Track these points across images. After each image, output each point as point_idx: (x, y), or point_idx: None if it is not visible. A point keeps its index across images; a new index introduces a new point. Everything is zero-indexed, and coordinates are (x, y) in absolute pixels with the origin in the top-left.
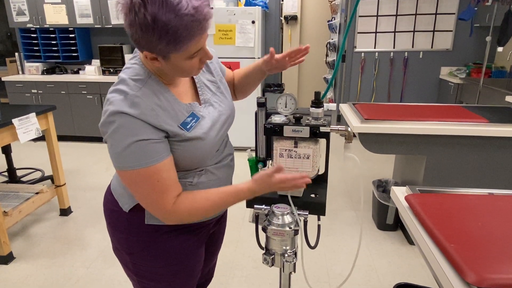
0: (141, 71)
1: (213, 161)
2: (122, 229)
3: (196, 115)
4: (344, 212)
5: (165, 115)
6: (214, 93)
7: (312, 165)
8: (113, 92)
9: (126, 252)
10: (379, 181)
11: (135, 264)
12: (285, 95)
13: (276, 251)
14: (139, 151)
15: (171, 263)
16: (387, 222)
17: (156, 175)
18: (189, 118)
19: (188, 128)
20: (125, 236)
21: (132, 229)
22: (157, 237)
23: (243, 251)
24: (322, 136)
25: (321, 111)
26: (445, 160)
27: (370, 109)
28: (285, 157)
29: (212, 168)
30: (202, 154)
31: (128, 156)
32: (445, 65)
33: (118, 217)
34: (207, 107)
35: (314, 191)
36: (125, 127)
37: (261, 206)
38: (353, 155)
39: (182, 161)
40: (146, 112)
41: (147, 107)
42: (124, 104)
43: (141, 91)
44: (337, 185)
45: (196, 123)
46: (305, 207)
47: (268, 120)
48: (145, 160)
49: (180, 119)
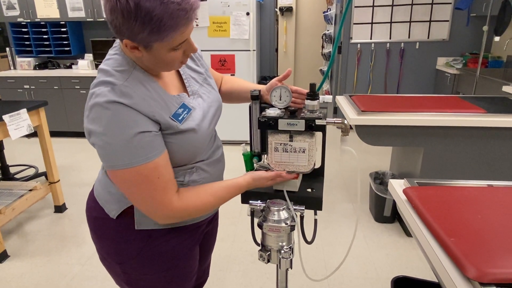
0: (124, 62)
1: (204, 156)
2: (109, 237)
3: (187, 106)
4: (341, 205)
5: (156, 106)
6: (201, 84)
7: (308, 159)
8: (97, 85)
9: (115, 261)
10: (376, 173)
11: (126, 273)
12: (279, 87)
13: (272, 248)
14: (140, 145)
15: (166, 269)
16: (384, 215)
17: (156, 171)
18: (181, 110)
19: (180, 119)
20: (113, 244)
21: (121, 236)
22: (149, 243)
23: (240, 245)
24: (318, 129)
25: (317, 104)
26: (442, 152)
27: (367, 101)
28: (281, 151)
29: (203, 164)
30: (195, 148)
31: (128, 151)
32: (441, 55)
33: (103, 225)
34: (196, 98)
35: (311, 185)
36: (121, 118)
37: (257, 202)
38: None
39: (174, 157)
40: (139, 102)
41: (139, 96)
42: (113, 94)
43: (128, 81)
44: (334, 178)
45: (188, 115)
46: (302, 202)
47: (263, 114)
48: (146, 154)
49: (171, 110)
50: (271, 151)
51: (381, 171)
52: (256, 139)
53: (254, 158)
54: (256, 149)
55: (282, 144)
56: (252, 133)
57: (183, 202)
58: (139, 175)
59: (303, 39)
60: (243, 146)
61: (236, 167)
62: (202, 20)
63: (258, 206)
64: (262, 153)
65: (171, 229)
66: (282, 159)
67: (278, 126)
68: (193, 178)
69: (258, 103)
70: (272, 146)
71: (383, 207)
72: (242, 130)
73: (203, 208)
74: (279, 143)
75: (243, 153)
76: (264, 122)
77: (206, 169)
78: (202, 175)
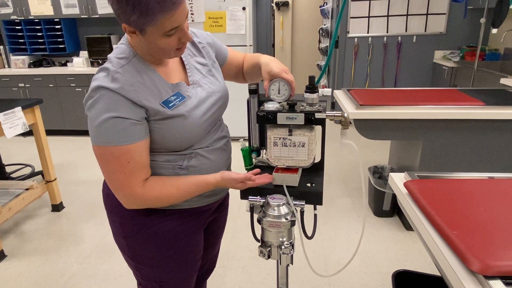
0: (127, 50)
1: (203, 143)
2: (117, 212)
3: (181, 95)
4: (340, 200)
5: (146, 92)
6: (205, 75)
7: (308, 153)
8: (99, 71)
9: (122, 236)
10: (375, 167)
11: (130, 248)
12: (277, 80)
13: (272, 243)
14: (113, 128)
15: (166, 248)
16: (383, 209)
17: (127, 155)
18: (173, 97)
19: (171, 106)
20: (120, 219)
21: (126, 212)
22: (150, 220)
23: (240, 241)
24: (317, 122)
25: (316, 97)
26: (441, 145)
27: (365, 95)
28: (280, 145)
29: (203, 151)
30: (186, 134)
31: (102, 131)
32: (438, 48)
33: (113, 201)
34: (195, 88)
35: (311, 180)
36: (103, 101)
37: (256, 197)
38: (350, 142)
39: (165, 141)
40: (125, 87)
41: (127, 82)
42: (106, 79)
43: (123, 68)
44: (333, 173)
45: (181, 102)
46: (302, 197)
47: (261, 108)
48: (118, 138)
49: (163, 97)
50: (270, 146)
51: (380, 165)
52: (255, 133)
53: (253, 153)
54: (254, 144)
55: (281, 139)
56: (250, 128)
57: (145, 191)
58: (110, 154)
59: (300, 34)
60: (241, 142)
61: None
62: (197, 16)
63: (257, 202)
64: (261, 148)
65: (172, 211)
66: (281, 154)
67: (277, 120)
68: (192, 164)
69: (256, 97)
70: (271, 140)
71: (382, 201)
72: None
73: (166, 199)
74: (278, 137)
75: (241, 148)
76: (262, 116)
77: (207, 155)
78: (201, 161)
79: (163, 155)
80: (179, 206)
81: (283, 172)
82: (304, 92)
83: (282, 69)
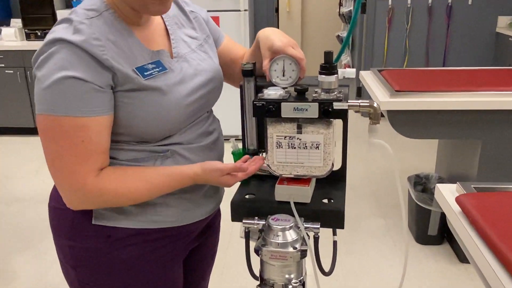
0: (98, 2)
1: (184, 138)
2: (65, 232)
3: (162, 65)
4: (369, 221)
5: (116, 52)
6: (194, 50)
7: (324, 157)
8: (58, 23)
9: (70, 265)
10: (417, 176)
11: (81, 281)
12: (281, 58)
13: (275, 282)
14: (68, 92)
15: (125, 282)
16: (429, 233)
17: (83, 132)
18: (151, 65)
19: (146, 75)
20: (69, 242)
21: (76, 232)
22: (109, 243)
23: (231, 278)
24: (336, 115)
25: (335, 80)
26: (507, 146)
27: (403, 77)
28: (285, 147)
29: (183, 149)
30: (163, 117)
31: (52, 95)
32: (503, 13)
33: (61, 217)
34: (180, 62)
35: (328, 194)
36: (58, 57)
37: (253, 219)
38: (382, 142)
39: (133, 124)
40: (90, 41)
41: (93, 35)
42: (67, 31)
43: (90, 20)
44: (359, 184)
45: (160, 74)
46: (316, 218)
47: (259, 95)
48: (73, 106)
49: (137, 63)
50: (272, 148)
51: (423, 173)
52: (251, 131)
53: None
54: (250, 145)
55: (287, 138)
56: (245, 124)
57: (100, 183)
58: (59, 127)
59: None
60: (232, 142)
61: None
62: None
63: (255, 225)
64: (260, 151)
65: (138, 231)
66: (287, 159)
67: (282, 112)
68: (167, 165)
69: (252, 81)
70: (273, 140)
71: (427, 223)
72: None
73: (128, 195)
74: (282, 136)
75: (232, 152)
76: (261, 106)
77: (188, 155)
78: (180, 162)
79: (127, 151)
80: (148, 224)
81: (290, 184)
82: (319, 74)
83: (287, 43)
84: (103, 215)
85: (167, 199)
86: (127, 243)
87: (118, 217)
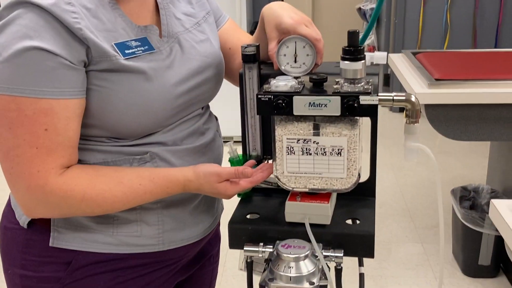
0: None
1: (169, 137)
2: (17, 258)
3: (149, 43)
4: (404, 247)
5: (92, 23)
6: (188, 30)
7: (348, 166)
8: None
9: None
10: (464, 189)
11: None
12: (292, 39)
13: None
14: (31, 66)
15: None
16: (479, 263)
17: (47, 118)
18: (135, 43)
19: (127, 53)
20: (21, 270)
21: (30, 257)
22: (69, 273)
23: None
24: (364, 113)
25: (362, 67)
26: None
27: (444, 62)
28: (299, 153)
29: (166, 151)
30: (145, 107)
31: (12, 69)
32: None
33: (12, 238)
34: (171, 43)
35: (353, 213)
36: (22, 22)
37: (257, 246)
38: (421, 145)
39: (108, 114)
40: (62, 5)
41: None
42: None
43: None
44: (391, 200)
45: (144, 54)
46: (338, 244)
47: (265, 87)
48: (37, 85)
49: (118, 38)
50: (281, 154)
51: (471, 185)
52: (253, 132)
53: None
54: (253, 150)
55: (300, 141)
56: (246, 123)
57: (65, 182)
58: (17, 111)
59: None
60: (229, 146)
61: None
62: None
63: (259, 254)
64: (265, 157)
65: (109, 257)
66: (301, 168)
67: (294, 109)
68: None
69: (255, 68)
70: (283, 144)
71: (477, 250)
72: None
73: (98, 201)
74: (295, 139)
75: (230, 159)
76: (267, 101)
77: (172, 160)
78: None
79: (94, 152)
80: (120, 248)
81: (305, 201)
82: (341, 60)
83: (299, 20)
84: (63, 235)
85: (145, 215)
86: (93, 272)
87: (83, 238)
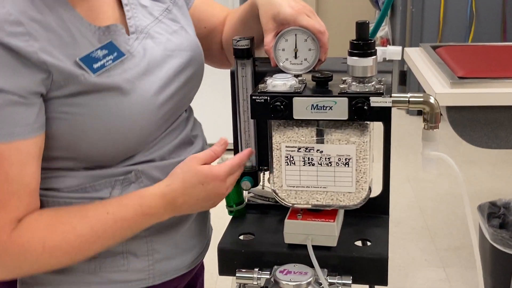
0: None
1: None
2: None
3: (117, 48)
4: (423, 272)
5: (47, 39)
6: (159, 19)
7: (357, 179)
8: None
9: None
10: (492, 205)
11: None
12: (292, 31)
13: None
14: None
15: None
16: None
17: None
18: (101, 52)
19: (96, 68)
20: None
21: None
22: None
23: None
24: (375, 116)
25: (372, 64)
26: None
27: (469, 57)
28: (300, 163)
29: (153, 168)
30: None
31: None
32: None
33: None
34: (141, 39)
35: (363, 233)
36: None
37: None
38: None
39: (84, 145)
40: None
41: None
42: None
43: None
44: (407, 217)
45: (115, 63)
46: (346, 269)
47: (260, 87)
48: None
49: (81, 50)
50: (279, 165)
51: (501, 200)
52: (246, 139)
53: (242, 180)
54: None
55: (302, 150)
56: (239, 129)
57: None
58: None
59: None
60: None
61: None
62: None
63: (254, 281)
64: (261, 169)
65: None
66: (302, 181)
67: (294, 112)
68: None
69: (249, 64)
70: (281, 153)
71: (508, 274)
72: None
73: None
74: (295, 147)
75: None
76: (263, 103)
77: (160, 177)
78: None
79: (70, 178)
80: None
81: (307, 219)
82: (348, 55)
83: (300, 9)
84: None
85: (132, 245)
86: None
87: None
